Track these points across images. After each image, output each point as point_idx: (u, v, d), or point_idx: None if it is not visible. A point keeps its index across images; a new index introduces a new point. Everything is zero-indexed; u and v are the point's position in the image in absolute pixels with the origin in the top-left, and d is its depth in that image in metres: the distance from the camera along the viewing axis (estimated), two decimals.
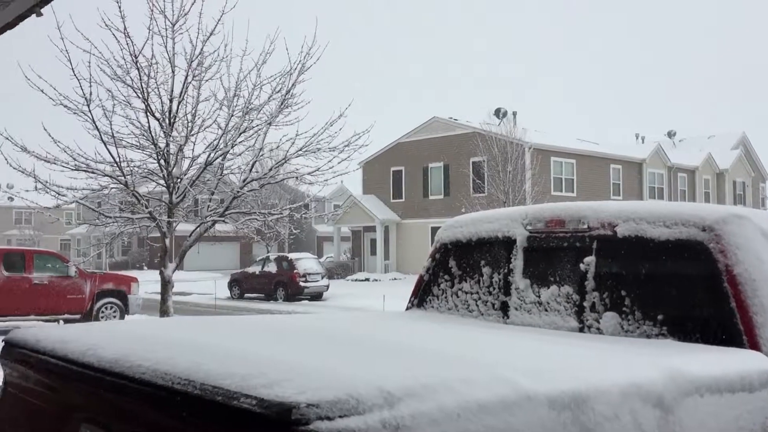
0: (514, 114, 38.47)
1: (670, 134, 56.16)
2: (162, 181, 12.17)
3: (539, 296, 3.40)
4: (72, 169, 11.32)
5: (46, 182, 11.34)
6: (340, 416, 1.54)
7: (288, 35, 12.30)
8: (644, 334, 2.97)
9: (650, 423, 2.03)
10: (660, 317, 2.95)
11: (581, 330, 3.17)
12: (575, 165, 39.04)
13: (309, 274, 28.74)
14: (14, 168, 11.05)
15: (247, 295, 30.38)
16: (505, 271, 3.59)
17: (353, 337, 2.69)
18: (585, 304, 3.20)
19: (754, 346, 2.65)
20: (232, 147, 12.15)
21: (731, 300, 2.74)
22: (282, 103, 12.05)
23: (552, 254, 3.42)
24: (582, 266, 3.25)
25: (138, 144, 11.86)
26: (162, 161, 11.87)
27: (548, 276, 3.40)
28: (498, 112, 39.06)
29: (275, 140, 13.00)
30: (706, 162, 47.84)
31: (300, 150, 12.22)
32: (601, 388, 1.99)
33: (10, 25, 1.59)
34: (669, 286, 2.96)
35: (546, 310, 3.36)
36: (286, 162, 12.95)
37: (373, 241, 41.66)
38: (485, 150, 33.11)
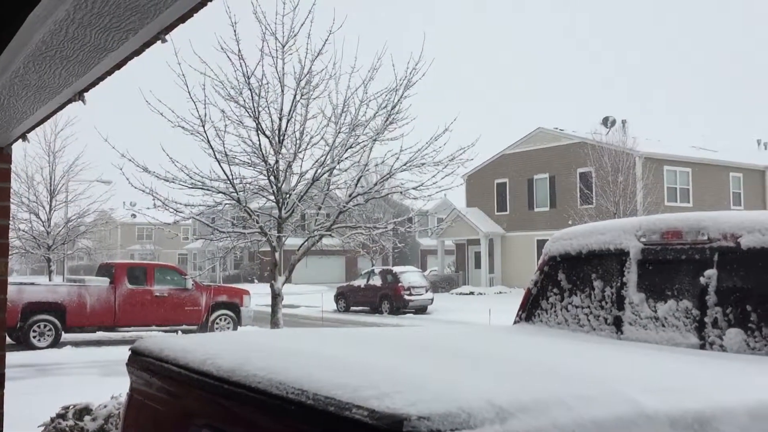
0: (623, 122, 37.21)
1: None
2: (272, 197, 12.58)
3: (656, 311, 3.26)
4: (189, 187, 11.91)
5: (165, 200, 11.99)
6: (451, 429, 1.52)
7: (396, 51, 12.44)
8: None
9: None
10: None
11: (702, 347, 3.01)
12: (690, 174, 37.22)
13: (413, 287, 28.80)
14: (136, 188, 11.76)
15: (352, 308, 30.79)
16: (618, 284, 3.46)
17: (463, 351, 2.67)
18: (706, 319, 3.04)
19: None
20: (339, 163, 12.41)
21: None
22: (387, 119, 12.20)
23: (669, 267, 3.27)
24: (702, 280, 3.08)
25: (249, 161, 12.33)
26: (272, 177, 12.27)
27: (665, 290, 3.25)
28: (606, 121, 37.89)
29: (380, 155, 13.18)
30: None
31: (404, 165, 12.32)
32: (728, 409, 1.87)
33: (137, 52, 1.72)
34: None
35: (663, 326, 3.21)
36: (390, 177, 13.08)
37: (478, 254, 41.27)
38: (594, 160, 32.16)
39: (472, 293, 37.78)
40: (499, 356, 2.52)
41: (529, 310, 3.95)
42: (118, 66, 1.96)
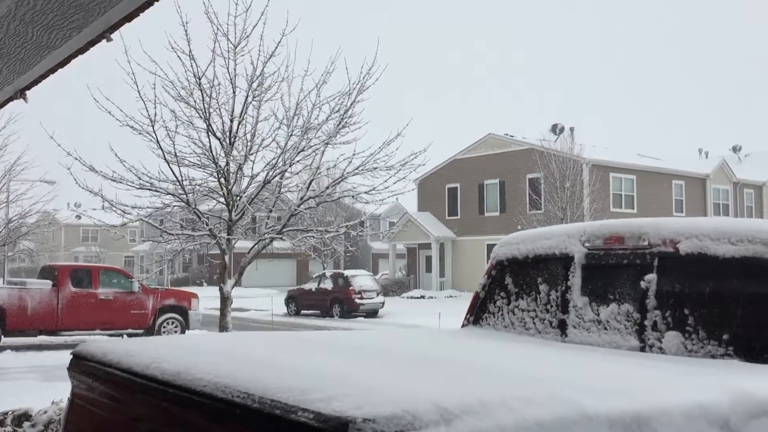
0: (572, 129, 37.93)
1: (735, 149, 54.38)
2: (222, 199, 12.44)
3: (598, 314, 3.34)
4: (137, 188, 11.68)
5: (112, 201, 11.74)
6: (396, 431, 1.54)
7: (349, 55, 12.45)
8: (709, 354, 2.88)
9: None
10: (725, 337, 2.86)
11: (642, 349, 3.10)
12: (635, 181, 38.20)
13: (364, 291, 28.83)
14: (82, 187, 11.47)
15: (303, 311, 30.64)
16: (563, 288, 3.53)
17: (410, 354, 2.69)
18: (646, 322, 3.13)
19: None
20: (290, 166, 12.34)
21: None
22: (340, 123, 12.19)
23: (611, 272, 3.35)
24: (643, 284, 3.18)
25: (199, 163, 12.16)
26: (222, 180, 12.14)
27: (607, 294, 3.34)
28: (555, 128, 38.59)
29: (333, 159, 13.16)
30: None
31: (357, 169, 12.32)
32: (664, 410, 1.94)
33: (81, 51, 1.68)
34: (734, 304, 2.87)
35: (605, 329, 3.29)
36: (342, 180, 13.08)
37: (429, 258, 41.54)
38: (542, 166, 32.74)
39: (423, 297, 37.99)
40: (445, 359, 2.55)
41: (476, 313, 4.00)
42: (62, 64, 1.92)
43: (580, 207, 31.85)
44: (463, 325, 4.08)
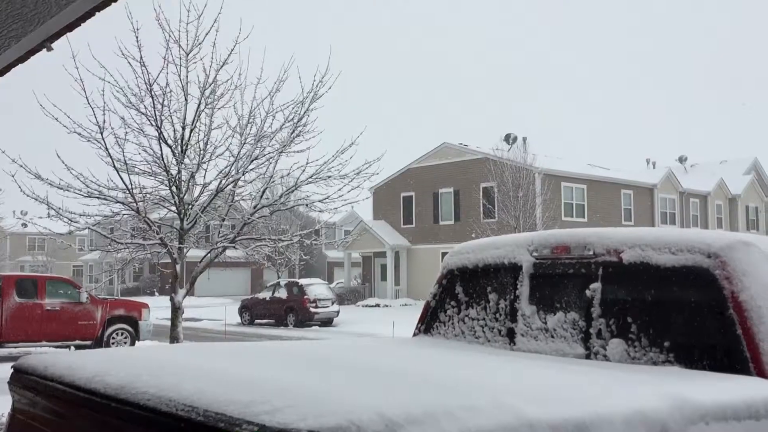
0: (524, 139, 38.52)
1: (682, 159, 55.96)
2: (173, 208, 12.27)
3: (546, 323, 3.40)
4: (85, 196, 11.43)
5: (59, 209, 11.45)
6: None
7: (303, 63, 12.42)
8: (651, 361, 2.96)
9: None
10: (666, 344, 2.94)
11: (588, 357, 3.16)
12: (586, 190, 38.96)
13: (319, 299, 28.70)
14: (28, 195, 11.17)
15: (257, 320, 30.34)
16: (512, 297, 3.59)
17: (359, 364, 2.70)
18: (591, 330, 3.20)
19: (761, 373, 2.64)
20: (244, 174, 12.25)
21: (737, 327, 2.73)
22: (294, 131, 12.16)
23: (558, 281, 3.42)
24: (588, 293, 3.25)
25: (150, 171, 11.98)
26: (174, 188, 11.97)
27: (554, 302, 3.40)
28: (508, 138, 39.14)
29: (287, 167, 13.10)
30: (718, 187, 47.61)
31: (311, 177, 12.30)
32: (605, 416, 1.98)
33: (22, 60, 1.65)
34: (675, 312, 2.96)
35: (552, 337, 3.35)
36: (296, 189, 13.03)
37: (384, 267, 41.59)
38: (496, 175, 33.16)
39: (378, 305, 37.99)
40: (393, 369, 2.56)
41: (427, 322, 4.03)
42: (1, 73, 1.88)
43: (533, 216, 32.33)
44: (414, 334, 4.10)
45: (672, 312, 2.97)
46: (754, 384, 2.56)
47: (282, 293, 29.63)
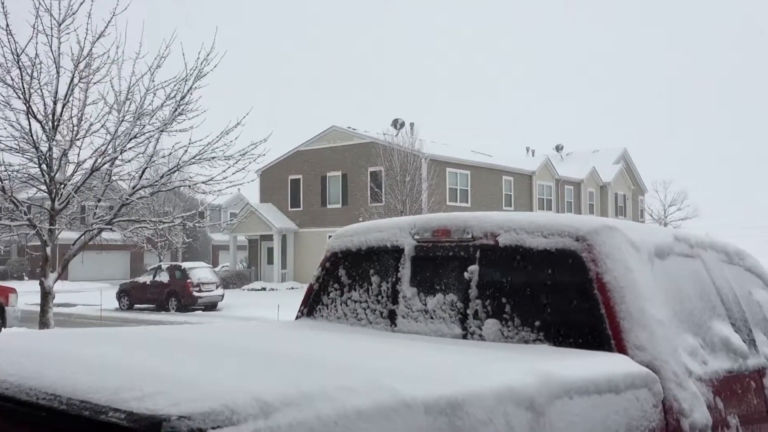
0: (412, 125, 39.11)
1: (558, 148, 58.73)
2: (43, 187, 11.58)
3: (426, 304, 3.47)
4: None
5: None
6: (213, 428, 1.51)
7: (187, 41, 11.97)
8: (523, 340, 3.09)
9: (522, 425, 2.12)
10: (537, 323, 3.08)
11: (465, 337, 3.26)
12: (470, 176, 40.13)
13: (203, 283, 28.06)
14: None
15: (137, 306, 29.28)
16: (394, 279, 3.64)
17: (237, 348, 2.65)
18: (468, 311, 3.29)
19: (621, 349, 2.82)
20: (122, 153, 11.72)
21: (601, 306, 2.90)
22: (176, 110, 11.74)
23: (438, 263, 3.50)
24: (466, 275, 3.34)
25: (17, 147, 11.24)
26: (44, 166, 11.29)
27: (434, 284, 3.48)
28: (396, 123, 39.60)
29: (169, 147, 12.65)
30: (590, 175, 50.39)
31: (194, 158, 11.93)
32: (477, 393, 2.05)
33: None
34: (546, 293, 3.10)
35: (432, 318, 3.43)
36: (178, 170, 12.61)
37: (270, 250, 41.18)
38: (384, 160, 33.49)
39: (264, 289, 37.63)
40: (271, 352, 2.54)
41: (310, 305, 4.02)
42: None
43: (419, 200, 32.97)
44: (297, 317, 4.08)
45: (543, 293, 3.11)
46: (614, 360, 2.73)
47: (164, 277, 28.74)
